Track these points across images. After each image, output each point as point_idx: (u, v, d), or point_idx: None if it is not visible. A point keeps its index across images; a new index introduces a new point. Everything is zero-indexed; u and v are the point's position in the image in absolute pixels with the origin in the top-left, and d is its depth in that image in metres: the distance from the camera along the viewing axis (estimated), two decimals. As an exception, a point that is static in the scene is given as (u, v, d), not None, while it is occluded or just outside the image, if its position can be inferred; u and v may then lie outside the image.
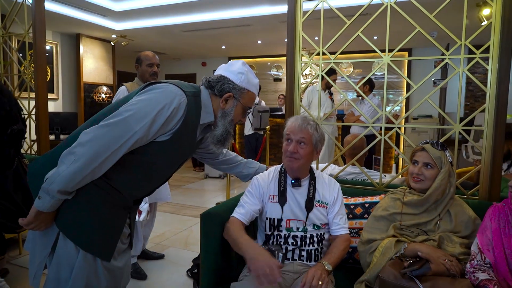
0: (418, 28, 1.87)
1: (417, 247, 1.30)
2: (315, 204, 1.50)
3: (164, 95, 1.13)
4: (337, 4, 2.08)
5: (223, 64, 1.35)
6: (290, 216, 1.49)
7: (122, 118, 1.07)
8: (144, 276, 2.39)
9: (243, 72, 1.30)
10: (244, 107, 1.33)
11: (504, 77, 1.71)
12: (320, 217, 1.51)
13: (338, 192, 1.57)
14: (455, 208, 1.43)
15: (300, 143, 1.46)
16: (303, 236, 1.48)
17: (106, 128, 1.06)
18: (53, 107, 6.17)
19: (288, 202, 1.50)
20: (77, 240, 1.11)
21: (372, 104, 2.26)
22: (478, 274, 1.20)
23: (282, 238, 1.49)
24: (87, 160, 1.03)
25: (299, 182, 1.51)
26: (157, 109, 1.10)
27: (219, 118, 1.30)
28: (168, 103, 1.12)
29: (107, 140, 1.04)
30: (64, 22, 5.59)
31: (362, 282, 1.39)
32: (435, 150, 1.44)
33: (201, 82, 1.34)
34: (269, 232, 1.51)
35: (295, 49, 2.08)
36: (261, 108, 5.63)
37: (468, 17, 1.82)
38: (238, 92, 1.29)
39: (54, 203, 1.06)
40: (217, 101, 1.29)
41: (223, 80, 1.28)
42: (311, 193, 1.50)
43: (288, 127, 1.50)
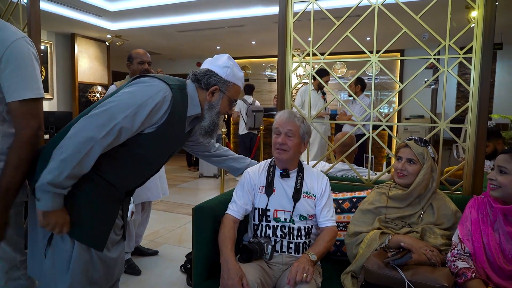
0: (404, 29, 1.93)
1: (400, 238, 1.36)
2: (302, 195, 1.56)
3: (149, 88, 1.18)
4: (328, 6, 2.14)
5: (209, 58, 1.39)
6: (278, 207, 1.55)
7: (106, 108, 1.12)
8: (138, 272, 2.43)
9: (229, 66, 1.35)
10: (230, 99, 1.38)
11: (486, 77, 1.78)
12: (307, 208, 1.55)
13: (326, 185, 1.61)
14: (438, 202, 1.49)
15: (288, 136, 1.54)
16: (291, 227, 1.53)
17: (90, 119, 1.10)
18: (48, 106, 6.18)
19: (276, 193, 1.56)
20: (72, 232, 1.15)
21: (361, 103, 2.32)
22: (458, 262, 1.26)
23: (270, 229, 1.54)
24: (73, 150, 1.06)
25: (287, 173, 1.57)
26: (141, 101, 1.14)
27: (206, 110, 1.35)
28: (153, 96, 1.16)
29: (91, 129, 1.08)
30: (58, 22, 5.59)
31: (348, 272, 1.44)
32: (417, 146, 1.50)
33: (188, 76, 1.38)
34: (257, 222, 1.57)
35: (286, 49, 2.14)
36: (255, 108, 5.68)
37: (457, 19, 1.90)
38: (224, 85, 1.34)
39: (53, 199, 1.07)
40: (203, 94, 1.34)
41: (209, 74, 1.33)
42: (298, 184, 1.56)
43: (276, 121, 1.58)
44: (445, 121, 1.90)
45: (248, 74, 8.73)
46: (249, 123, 5.60)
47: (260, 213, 1.56)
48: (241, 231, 1.66)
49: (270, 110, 6.42)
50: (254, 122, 5.59)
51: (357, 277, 1.42)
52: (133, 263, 2.47)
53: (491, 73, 1.83)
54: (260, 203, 1.57)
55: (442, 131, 1.91)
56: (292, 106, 2.18)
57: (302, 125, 1.56)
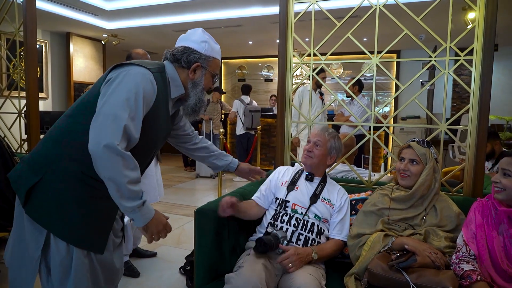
0: (405, 31, 1.93)
1: (404, 240, 1.36)
2: (320, 199, 1.68)
3: (131, 78, 1.12)
4: (328, 6, 2.13)
5: (182, 35, 1.34)
6: (297, 201, 1.69)
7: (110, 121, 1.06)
8: (137, 274, 2.41)
9: (206, 40, 1.31)
10: (212, 74, 1.34)
11: (487, 79, 1.79)
12: (324, 210, 1.66)
13: (345, 201, 1.72)
14: (441, 204, 1.49)
15: (316, 145, 1.73)
16: (305, 220, 1.63)
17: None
18: (43, 106, 6.11)
19: (298, 190, 1.72)
20: (69, 238, 1.11)
21: (362, 104, 2.32)
22: (463, 265, 1.26)
23: (286, 217, 1.65)
24: (113, 171, 1.04)
25: (312, 177, 1.74)
26: (133, 94, 1.09)
27: (190, 89, 1.31)
28: (138, 82, 1.12)
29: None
30: (54, 21, 5.54)
31: (352, 275, 1.44)
32: (420, 147, 1.51)
33: (163, 57, 1.33)
34: (277, 209, 1.70)
35: (287, 50, 2.13)
36: (253, 108, 5.68)
37: (454, 21, 1.89)
38: (204, 61, 1.30)
39: (142, 213, 1.09)
40: (184, 72, 1.29)
41: (188, 51, 1.28)
42: (318, 190, 1.71)
43: (311, 133, 1.82)
44: (446, 123, 1.90)
45: (244, 74, 8.72)
46: (247, 123, 5.59)
47: (280, 203, 1.70)
48: (256, 222, 1.79)
49: (267, 110, 6.42)
50: (251, 122, 5.58)
51: (361, 279, 1.41)
52: (132, 265, 2.45)
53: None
54: (280, 194, 1.73)
55: (443, 133, 1.91)
56: (291, 106, 2.17)
57: (332, 140, 1.75)
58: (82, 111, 1.16)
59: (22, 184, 1.13)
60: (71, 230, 1.12)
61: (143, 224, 1.11)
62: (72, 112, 1.18)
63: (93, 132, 1.05)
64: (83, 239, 1.14)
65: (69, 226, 1.11)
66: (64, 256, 1.12)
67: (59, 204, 1.11)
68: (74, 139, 1.13)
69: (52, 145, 1.15)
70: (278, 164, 2.18)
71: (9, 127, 3.07)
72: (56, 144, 1.15)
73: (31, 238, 1.13)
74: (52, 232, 1.11)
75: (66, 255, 1.12)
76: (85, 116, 1.12)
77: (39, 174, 1.12)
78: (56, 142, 1.15)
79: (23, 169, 1.16)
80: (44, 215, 1.11)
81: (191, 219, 3.70)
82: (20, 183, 1.14)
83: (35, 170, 1.13)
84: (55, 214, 1.11)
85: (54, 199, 1.11)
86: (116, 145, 1.03)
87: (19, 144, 3.07)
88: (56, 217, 1.11)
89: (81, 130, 1.11)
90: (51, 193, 1.11)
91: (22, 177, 1.15)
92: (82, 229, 1.13)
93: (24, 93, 2.90)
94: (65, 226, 1.11)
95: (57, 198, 1.11)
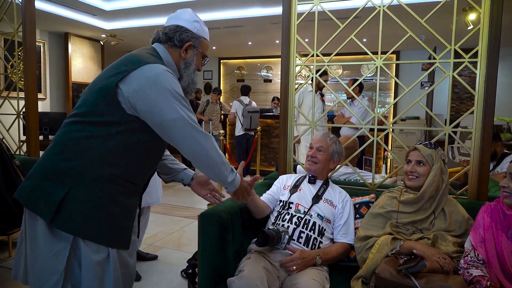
0: (409, 32, 1.92)
1: (412, 245, 1.35)
2: (323, 200, 1.73)
3: (162, 78, 1.13)
4: (329, 7, 2.11)
5: (171, 14, 1.31)
6: (300, 201, 1.73)
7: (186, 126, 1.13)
8: (138, 277, 2.38)
9: (198, 20, 1.29)
10: (203, 54, 1.32)
11: (492, 81, 1.78)
12: (326, 210, 1.69)
13: (347, 202, 1.74)
14: (450, 208, 1.49)
15: (319, 150, 1.79)
16: (307, 219, 1.66)
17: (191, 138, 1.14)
18: (41, 107, 6.06)
19: (301, 192, 1.77)
20: (102, 239, 1.10)
21: (365, 106, 2.31)
22: (471, 270, 1.24)
23: (288, 216, 1.68)
24: (211, 158, 1.19)
25: (314, 179, 1.80)
26: (174, 92, 1.12)
27: (183, 69, 1.28)
28: (169, 82, 1.13)
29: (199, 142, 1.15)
30: (52, 21, 5.50)
31: (359, 278, 1.42)
32: (426, 148, 1.51)
33: (153, 39, 1.29)
34: (280, 210, 1.75)
35: (290, 52, 2.11)
36: (251, 108, 5.66)
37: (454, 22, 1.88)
38: (196, 40, 1.28)
39: (236, 181, 1.28)
40: (176, 52, 1.26)
41: (180, 30, 1.25)
42: (320, 192, 1.76)
43: (312, 139, 1.87)
44: (450, 125, 1.89)
45: (243, 74, 8.70)
46: (245, 124, 5.57)
47: (283, 204, 1.76)
48: (261, 226, 1.82)
49: (266, 111, 6.40)
50: (250, 123, 5.56)
51: (368, 283, 1.40)
52: (133, 268, 2.42)
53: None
54: (284, 197, 1.79)
55: (447, 135, 1.90)
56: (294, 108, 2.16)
57: (333, 145, 1.81)
58: (102, 116, 1.12)
59: (47, 200, 1.08)
60: (105, 233, 1.11)
61: (236, 185, 1.30)
62: (88, 118, 1.13)
63: (183, 143, 1.14)
64: (116, 239, 1.14)
65: (101, 228, 1.10)
66: (98, 260, 1.10)
67: (92, 209, 1.09)
68: (98, 145, 1.11)
69: (74, 155, 1.11)
70: (280, 165, 2.17)
71: (8, 128, 3.04)
72: (78, 153, 1.11)
73: (52, 250, 1.08)
74: (86, 238, 1.09)
75: (99, 259, 1.10)
76: (109, 120, 1.11)
77: (66, 186, 1.08)
78: (77, 151, 1.11)
79: (40, 185, 1.10)
80: (77, 224, 1.08)
81: (191, 221, 3.67)
82: (43, 199, 1.09)
83: (60, 183, 1.08)
84: (88, 220, 1.09)
85: (87, 205, 1.09)
86: (212, 141, 1.17)
87: (18, 146, 3.04)
88: (89, 222, 1.09)
89: (104, 134, 1.11)
90: (82, 201, 1.09)
91: (43, 193, 1.09)
92: (115, 229, 1.14)
93: (23, 93, 2.87)
94: (99, 229, 1.10)
95: (89, 204, 1.09)
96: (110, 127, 1.11)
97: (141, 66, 1.12)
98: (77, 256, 1.10)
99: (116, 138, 1.12)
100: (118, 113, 1.11)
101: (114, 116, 1.11)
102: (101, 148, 1.11)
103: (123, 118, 1.11)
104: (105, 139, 1.11)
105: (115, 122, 1.11)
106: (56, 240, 1.09)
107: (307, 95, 4.51)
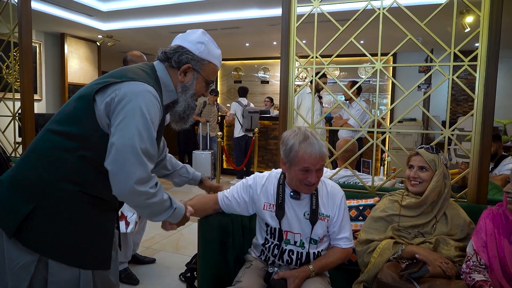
0: (409, 35, 1.92)
1: (414, 249, 1.34)
2: (319, 217, 1.43)
3: (138, 100, 1.03)
4: (327, 9, 2.11)
5: (181, 34, 1.24)
6: (288, 228, 1.45)
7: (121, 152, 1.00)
8: (136, 281, 2.36)
9: (203, 41, 1.19)
10: (206, 80, 1.22)
11: (491, 84, 1.78)
12: (319, 231, 1.43)
13: (341, 202, 1.47)
14: (451, 212, 1.48)
15: (318, 170, 1.34)
16: (299, 253, 1.44)
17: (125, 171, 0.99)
18: (37, 108, 6.01)
19: (286, 214, 1.43)
20: (75, 261, 1.05)
21: (363, 107, 2.31)
22: (474, 275, 1.24)
23: (278, 250, 1.46)
24: (135, 202, 1.04)
25: (298, 196, 1.42)
26: (143, 119, 1.02)
27: (180, 93, 1.20)
28: (145, 103, 1.03)
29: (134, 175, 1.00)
30: (48, 22, 5.45)
31: (361, 283, 1.42)
32: (428, 153, 1.50)
33: (156, 56, 1.23)
34: (268, 237, 1.49)
35: (289, 55, 2.10)
36: (252, 109, 5.67)
37: (451, 25, 1.89)
38: (198, 63, 1.18)
39: (175, 215, 1.15)
40: (175, 74, 1.19)
41: (180, 51, 1.17)
42: (314, 205, 1.42)
43: (306, 158, 1.30)
44: (450, 128, 1.89)
45: (240, 75, 8.69)
46: (246, 125, 5.58)
47: (273, 232, 1.47)
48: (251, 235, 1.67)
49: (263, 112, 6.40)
50: (250, 123, 5.56)
51: (369, 287, 1.39)
52: (131, 272, 2.40)
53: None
54: (271, 222, 1.46)
55: (447, 138, 1.90)
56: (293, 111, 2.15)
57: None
58: (73, 127, 1.05)
59: (11, 215, 1.01)
60: (76, 253, 1.05)
61: (176, 221, 1.19)
62: (60, 128, 1.07)
63: (114, 171, 0.98)
64: (90, 259, 1.08)
65: (73, 249, 1.04)
66: (67, 278, 1.04)
67: (60, 228, 1.03)
68: (68, 159, 1.04)
69: (43, 168, 1.04)
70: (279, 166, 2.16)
71: (3, 130, 3.00)
72: (49, 166, 1.04)
73: (18, 265, 1.02)
74: (55, 259, 1.03)
75: (68, 277, 1.04)
76: (78, 133, 1.04)
77: (32, 201, 1.02)
78: (48, 164, 1.04)
79: (8, 196, 1.04)
80: (43, 242, 1.02)
81: (189, 223, 3.63)
82: (7, 212, 1.02)
83: (27, 198, 1.02)
84: (57, 239, 1.03)
85: (54, 223, 1.03)
86: (140, 186, 1.00)
87: (14, 148, 3.01)
88: (56, 241, 1.03)
89: (75, 148, 1.04)
90: (49, 218, 1.03)
91: (9, 206, 1.02)
92: (87, 249, 1.07)
93: (18, 95, 2.84)
94: (70, 250, 1.04)
95: (57, 222, 1.03)
96: (78, 140, 1.04)
97: (124, 81, 1.05)
98: (45, 272, 1.03)
99: (82, 152, 1.04)
100: (90, 125, 1.04)
101: (84, 129, 1.04)
102: (68, 162, 1.04)
103: (93, 132, 1.04)
104: (72, 152, 1.04)
105: (84, 135, 1.04)
106: (22, 253, 1.03)
107: (305, 97, 4.51)
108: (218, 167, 5.03)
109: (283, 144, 1.39)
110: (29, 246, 1.02)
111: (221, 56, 1.28)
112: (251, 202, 1.52)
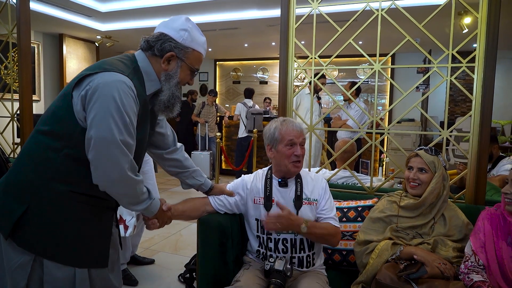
0: (407, 37, 1.93)
1: (412, 250, 1.35)
2: (303, 202, 1.49)
3: (109, 90, 1.01)
4: (326, 10, 2.11)
5: (163, 20, 1.20)
6: None
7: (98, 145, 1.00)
8: (135, 282, 2.36)
9: (187, 28, 1.16)
10: (191, 68, 1.19)
11: (489, 86, 1.78)
12: (309, 215, 1.48)
13: (325, 188, 1.55)
14: (449, 213, 1.49)
15: (301, 145, 1.48)
16: (293, 240, 1.48)
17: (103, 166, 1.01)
18: (35, 108, 5.98)
19: (274, 205, 1.48)
20: (70, 260, 1.06)
21: (361, 108, 2.32)
22: (472, 275, 1.25)
23: (272, 243, 1.49)
24: (121, 190, 1.07)
25: (285, 182, 1.51)
26: (118, 110, 1.00)
27: (163, 81, 1.16)
28: (119, 93, 1.01)
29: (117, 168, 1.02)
30: (47, 22, 5.45)
31: (359, 283, 1.42)
32: (428, 155, 1.50)
33: (139, 45, 1.19)
34: (260, 233, 1.54)
35: (288, 56, 2.11)
36: (255, 111, 5.72)
37: (449, 25, 1.89)
38: (181, 51, 1.15)
39: (149, 207, 1.17)
40: (158, 62, 1.15)
41: (163, 38, 1.14)
42: (298, 191, 1.50)
43: (289, 132, 1.46)
44: (448, 129, 1.90)
45: (239, 76, 8.69)
46: (249, 126, 5.60)
47: (262, 224, 1.49)
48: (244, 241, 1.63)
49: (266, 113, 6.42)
50: (253, 124, 5.59)
51: (368, 289, 1.40)
52: (130, 273, 2.40)
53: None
54: (260, 215, 1.52)
55: (445, 139, 1.91)
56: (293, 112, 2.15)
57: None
58: (56, 126, 1.05)
59: (6, 216, 1.03)
60: (70, 252, 1.05)
61: (152, 214, 1.20)
62: (45, 128, 1.07)
63: (97, 162, 1.00)
64: (85, 258, 1.08)
65: (68, 248, 1.05)
66: (62, 276, 1.05)
67: (54, 228, 1.04)
68: (55, 159, 1.04)
69: (33, 169, 1.05)
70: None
71: (2, 131, 2.99)
72: (37, 167, 1.05)
73: (15, 264, 1.04)
74: (50, 258, 1.04)
75: (64, 275, 1.05)
76: (60, 132, 1.05)
77: (25, 203, 1.03)
78: (37, 165, 1.05)
79: (2, 200, 1.06)
80: (37, 243, 1.03)
81: (188, 224, 3.65)
82: (2, 215, 1.04)
83: (19, 199, 1.04)
84: (51, 239, 1.04)
85: (47, 224, 1.04)
86: (127, 173, 1.03)
87: (12, 149, 3.00)
88: (53, 241, 1.04)
89: (60, 147, 1.04)
90: (42, 219, 1.04)
91: (4, 208, 1.05)
92: (82, 248, 1.07)
93: (17, 95, 2.83)
94: (64, 249, 1.05)
95: (50, 222, 1.04)
96: (62, 139, 1.04)
97: (98, 72, 1.03)
98: (40, 271, 1.05)
99: (67, 150, 1.04)
100: (70, 123, 1.03)
101: (66, 127, 1.04)
102: (56, 162, 1.04)
103: (74, 128, 1.03)
104: (58, 152, 1.04)
105: (67, 133, 1.04)
106: (19, 253, 1.04)
107: (304, 98, 4.51)
108: (217, 167, 5.03)
109: (266, 133, 1.55)
110: (24, 246, 1.04)
111: (206, 44, 1.25)
112: (243, 198, 1.59)
